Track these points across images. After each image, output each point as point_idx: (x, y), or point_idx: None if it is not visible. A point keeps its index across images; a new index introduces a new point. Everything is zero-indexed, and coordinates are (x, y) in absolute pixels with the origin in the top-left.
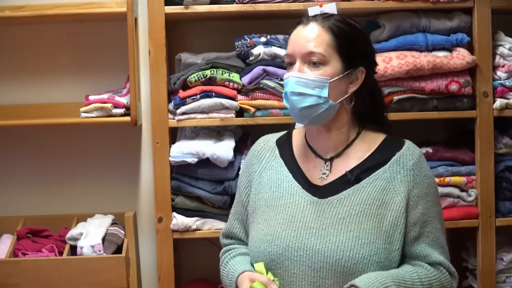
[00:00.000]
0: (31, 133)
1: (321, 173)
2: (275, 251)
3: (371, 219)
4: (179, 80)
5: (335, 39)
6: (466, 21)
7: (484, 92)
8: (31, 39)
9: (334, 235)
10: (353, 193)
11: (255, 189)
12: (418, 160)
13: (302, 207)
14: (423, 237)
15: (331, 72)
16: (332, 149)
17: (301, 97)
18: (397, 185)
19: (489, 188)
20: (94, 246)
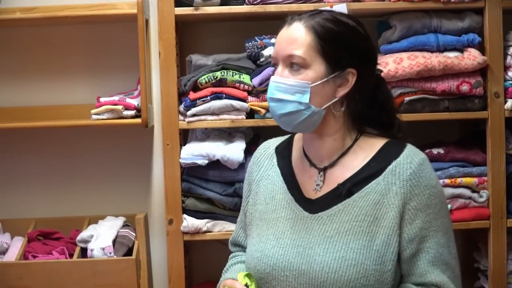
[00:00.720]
0: (42, 135)
1: (315, 184)
2: (263, 270)
3: (361, 238)
4: (190, 82)
5: (318, 40)
6: (477, 21)
7: (495, 93)
8: (42, 40)
9: (321, 255)
10: (343, 209)
11: (252, 199)
12: (417, 168)
13: (292, 222)
14: (422, 254)
15: (312, 76)
16: (326, 157)
17: (280, 103)
18: (391, 198)
19: (500, 188)
20: (104, 249)
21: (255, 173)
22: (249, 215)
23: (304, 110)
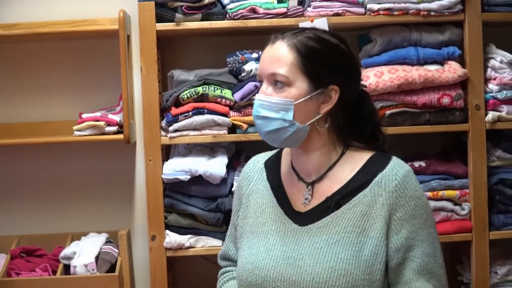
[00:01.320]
0: (24, 151)
1: (304, 198)
2: (254, 281)
3: (349, 248)
4: (172, 97)
5: (301, 58)
6: (457, 34)
7: (476, 105)
8: (24, 56)
9: (311, 265)
10: (332, 221)
11: (243, 213)
12: (402, 180)
13: (282, 234)
14: (408, 263)
15: (295, 93)
16: (314, 171)
17: (265, 120)
18: (378, 209)
19: (482, 201)
20: (87, 265)
21: (245, 187)
22: (239, 228)
23: (288, 127)
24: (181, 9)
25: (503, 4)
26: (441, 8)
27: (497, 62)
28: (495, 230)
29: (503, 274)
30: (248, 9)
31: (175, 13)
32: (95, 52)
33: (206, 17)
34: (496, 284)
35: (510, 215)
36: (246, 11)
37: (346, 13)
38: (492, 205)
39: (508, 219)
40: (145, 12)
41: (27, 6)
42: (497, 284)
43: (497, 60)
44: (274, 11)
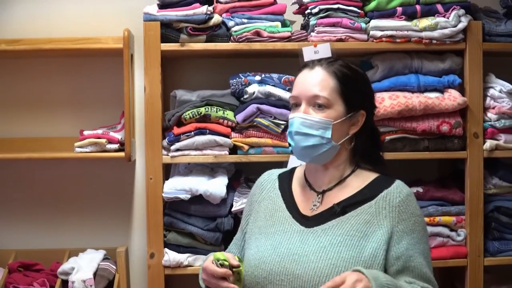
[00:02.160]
0: (25, 166)
1: (312, 205)
2: (260, 275)
3: (351, 249)
4: (174, 117)
5: (339, 83)
6: (458, 62)
7: (474, 133)
8: (26, 72)
9: (314, 262)
10: (337, 224)
11: (253, 217)
12: (405, 198)
13: (289, 235)
14: (408, 271)
15: (334, 114)
16: (326, 183)
17: (305, 136)
18: (381, 220)
19: (478, 228)
20: (85, 281)
21: (257, 194)
22: (249, 231)
23: (325, 144)
24: (186, 30)
25: (503, 34)
26: (443, 37)
27: (497, 91)
28: (490, 256)
29: None
30: (253, 32)
31: (180, 33)
32: (97, 70)
33: (211, 38)
34: None
35: (505, 242)
36: (250, 34)
37: (349, 39)
38: (488, 232)
39: (503, 246)
40: (150, 32)
41: (30, 22)
42: None
43: (497, 90)
44: (278, 35)
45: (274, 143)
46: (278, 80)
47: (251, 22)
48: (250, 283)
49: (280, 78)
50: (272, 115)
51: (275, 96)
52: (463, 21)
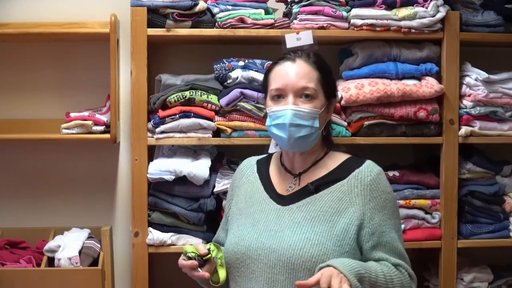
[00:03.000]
0: (12, 147)
1: (289, 186)
2: (239, 251)
3: (324, 224)
4: (159, 100)
5: (320, 74)
6: (436, 51)
7: (450, 120)
8: (14, 56)
9: (289, 236)
10: (311, 202)
11: (235, 201)
12: (376, 176)
13: (266, 213)
14: (381, 246)
15: (319, 104)
16: (301, 167)
17: (298, 128)
18: (353, 197)
19: (452, 211)
20: (71, 258)
21: (237, 180)
22: (231, 214)
23: (314, 133)
24: (172, 16)
25: (480, 25)
26: (421, 26)
27: (472, 79)
28: (463, 239)
29: (468, 281)
30: (237, 18)
31: (166, 19)
32: (83, 54)
33: (196, 24)
34: None
35: (478, 225)
36: (234, 21)
37: (330, 27)
38: (461, 215)
39: (476, 229)
40: (137, 17)
41: (18, 6)
42: None
43: (472, 78)
44: (262, 22)
45: (256, 126)
46: (261, 66)
47: (236, 9)
48: (231, 259)
49: (263, 64)
50: (255, 100)
51: (258, 81)
52: (441, 11)
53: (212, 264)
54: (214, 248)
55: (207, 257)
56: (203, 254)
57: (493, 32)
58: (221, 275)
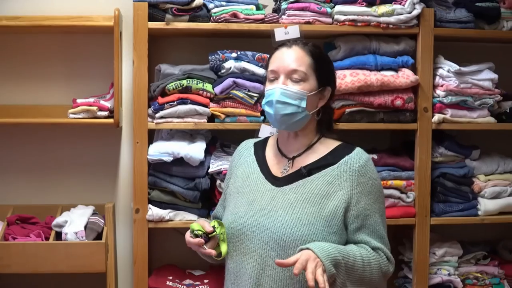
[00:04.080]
0: (23, 130)
1: (283, 169)
2: (235, 227)
3: (314, 206)
4: (159, 88)
5: (314, 61)
6: (411, 45)
7: (424, 108)
8: (25, 46)
9: (282, 215)
10: (303, 184)
11: (233, 180)
12: (364, 163)
13: (261, 193)
14: (364, 228)
15: (309, 87)
16: (295, 150)
17: (284, 105)
18: (342, 182)
19: (425, 191)
20: (77, 233)
21: (236, 160)
22: (229, 192)
23: (300, 112)
24: (171, 11)
25: (453, 21)
26: (399, 22)
27: (445, 71)
28: (436, 216)
29: (440, 255)
30: (230, 13)
31: (166, 14)
32: (88, 45)
33: (193, 19)
34: (434, 263)
35: (449, 204)
36: (228, 16)
37: (316, 22)
38: (434, 195)
39: (447, 207)
40: (139, 12)
41: (29, 0)
42: (435, 264)
43: (445, 70)
44: (253, 17)
45: (247, 113)
46: (252, 57)
47: (229, 4)
48: (228, 234)
49: (254, 56)
50: (246, 88)
51: (249, 71)
52: (417, 9)
53: (215, 240)
54: (218, 225)
55: (212, 234)
56: (209, 232)
57: (465, 28)
58: (223, 249)
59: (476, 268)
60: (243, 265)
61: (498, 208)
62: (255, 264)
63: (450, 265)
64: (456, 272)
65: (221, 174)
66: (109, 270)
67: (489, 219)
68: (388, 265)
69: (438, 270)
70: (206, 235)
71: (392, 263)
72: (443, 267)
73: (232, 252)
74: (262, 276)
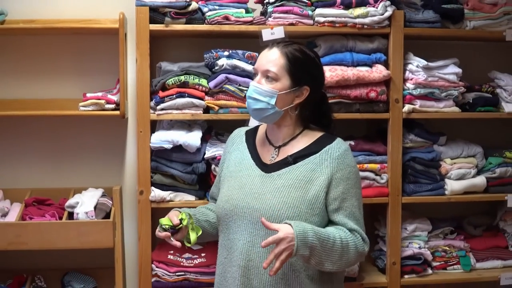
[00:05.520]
0: (39, 122)
1: (271, 156)
2: (228, 208)
3: (299, 190)
4: (159, 83)
5: (288, 63)
6: (384, 43)
7: (396, 99)
8: (39, 46)
9: (270, 199)
10: (289, 171)
11: (226, 164)
12: (343, 152)
13: (252, 178)
14: (342, 210)
15: (280, 87)
16: (281, 140)
17: (255, 101)
18: (323, 169)
19: (397, 173)
20: (87, 213)
21: (229, 147)
22: (223, 175)
23: (270, 109)
24: (170, 14)
25: (421, 21)
26: (373, 23)
27: (414, 66)
28: (407, 196)
29: (411, 230)
30: (223, 16)
31: (165, 17)
32: (97, 45)
33: (189, 21)
34: (406, 238)
35: (418, 184)
36: (220, 18)
37: (298, 24)
38: (405, 176)
39: (417, 188)
40: (141, 15)
41: (43, 6)
42: (407, 238)
43: (414, 65)
44: (243, 19)
45: (238, 105)
46: (242, 55)
47: (222, 8)
48: (221, 214)
49: (244, 54)
50: (237, 83)
51: (240, 68)
52: (389, 11)
53: (185, 229)
54: (186, 217)
55: (179, 227)
56: (175, 225)
57: (432, 27)
58: (192, 237)
59: (444, 242)
60: (235, 242)
61: (463, 188)
62: (245, 242)
63: (420, 239)
64: (426, 246)
65: (215, 159)
66: (117, 245)
67: (455, 198)
68: (363, 246)
69: (410, 244)
70: (173, 228)
71: (367, 243)
72: (414, 241)
73: (225, 230)
74: (252, 252)
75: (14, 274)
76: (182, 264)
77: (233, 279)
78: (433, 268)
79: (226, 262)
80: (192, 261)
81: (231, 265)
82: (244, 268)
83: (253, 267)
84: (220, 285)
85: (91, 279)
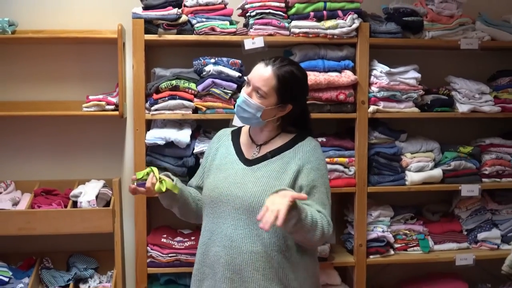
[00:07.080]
0: (47, 121)
1: (253, 153)
2: (213, 196)
3: (275, 180)
4: (154, 87)
5: (278, 84)
6: (352, 52)
7: (362, 101)
8: (47, 54)
9: (251, 188)
10: (267, 164)
11: (212, 158)
12: (313, 147)
13: (235, 170)
14: (312, 195)
15: (267, 103)
16: (263, 139)
17: (243, 110)
18: (296, 161)
19: (363, 166)
20: (90, 201)
21: (215, 143)
22: (208, 167)
23: (255, 119)
24: (162, 26)
25: (384, 32)
26: (342, 34)
27: (378, 72)
28: (372, 186)
29: (375, 216)
30: (209, 28)
31: (158, 28)
32: (98, 53)
33: (180, 32)
34: (371, 222)
35: (382, 176)
36: (207, 29)
37: (276, 34)
38: (370, 169)
39: (381, 179)
40: (137, 26)
41: (50, 18)
42: (371, 223)
43: (378, 71)
44: (227, 30)
45: (223, 106)
46: (227, 62)
47: (208, 20)
48: (207, 201)
49: (228, 61)
50: (222, 87)
51: (225, 73)
52: (356, 23)
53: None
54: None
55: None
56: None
57: (394, 37)
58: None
59: (405, 227)
60: (219, 225)
61: (422, 179)
62: (229, 225)
63: (383, 224)
64: (388, 230)
65: (203, 154)
66: (116, 230)
67: (415, 188)
68: (328, 227)
69: (374, 228)
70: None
71: (331, 226)
72: (378, 226)
73: (211, 215)
74: (235, 234)
75: (24, 256)
76: (174, 247)
77: (218, 257)
78: (395, 250)
79: (209, 243)
80: (183, 244)
81: (214, 245)
82: (228, 248)
83: (235, 247)
84: (203, 262)
85: (93, 260)
